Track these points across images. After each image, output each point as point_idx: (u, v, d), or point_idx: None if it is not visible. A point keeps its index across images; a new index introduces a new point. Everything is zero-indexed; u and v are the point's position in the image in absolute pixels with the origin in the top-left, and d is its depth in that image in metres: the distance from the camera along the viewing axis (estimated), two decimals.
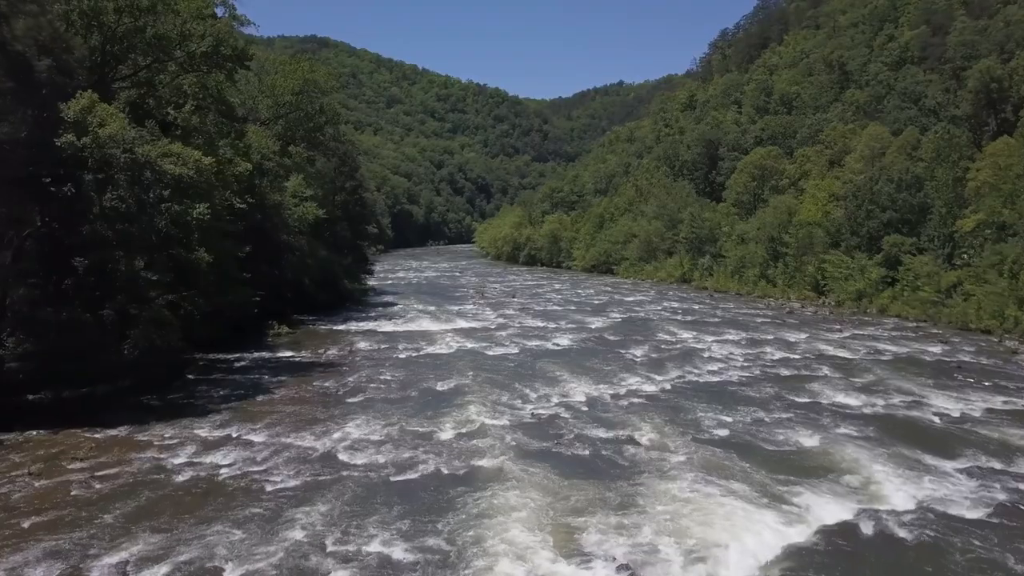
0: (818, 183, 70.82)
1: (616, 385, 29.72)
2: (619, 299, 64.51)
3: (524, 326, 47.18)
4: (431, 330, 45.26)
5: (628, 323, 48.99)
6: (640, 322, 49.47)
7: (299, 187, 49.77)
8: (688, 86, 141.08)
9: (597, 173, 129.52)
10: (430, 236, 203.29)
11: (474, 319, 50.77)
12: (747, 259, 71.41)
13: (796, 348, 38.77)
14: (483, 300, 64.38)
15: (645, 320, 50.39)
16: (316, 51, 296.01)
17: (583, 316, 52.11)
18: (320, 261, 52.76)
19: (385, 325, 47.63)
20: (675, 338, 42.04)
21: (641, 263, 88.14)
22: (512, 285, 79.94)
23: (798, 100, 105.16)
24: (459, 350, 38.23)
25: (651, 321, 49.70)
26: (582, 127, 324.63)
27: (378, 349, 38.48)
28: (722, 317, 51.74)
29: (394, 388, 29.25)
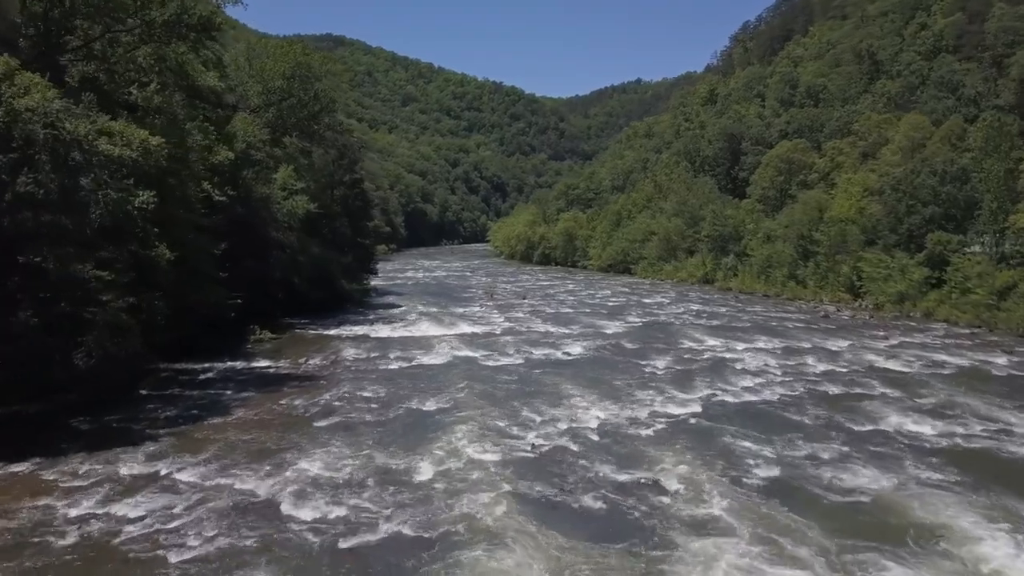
0: (851, 177, 65.55)
1: (635, 406, 24.95)
2: (637, 301, 59.67)
3: (532, 331, 42.50)
4: (430, 336, 40.69)
5: (648, 328, 44.19)
6: (661, 327, 44.66)
7: (289, 179, 45.34)
8: (709, 80, 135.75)
9: (614, 169, 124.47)
10: (444, 235, 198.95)
11: (479, 323, 46.17)
12: (774, 258, 66.32)
13: (840, 359, 33.80)
14: (491, 302, 59.77)
15: (666, 325, 45.54)
16: (332, 49, 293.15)
17: (598, 320, 47.35)
18: (313, 259, 48.34)
19: (381, 329, 43.14)
20: (701, 346, 37.17)
21: (660, 262, 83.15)
22: (524, 286, 75.27)
23: (825, 92, 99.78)
24: (457, 360, 33.61)
25: (673, 326, 44.85)
26: (599, 125, 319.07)
27: (366, 358, 33.95)
28: (751, 321, 46.79)
29: (373, 408, 24.67)
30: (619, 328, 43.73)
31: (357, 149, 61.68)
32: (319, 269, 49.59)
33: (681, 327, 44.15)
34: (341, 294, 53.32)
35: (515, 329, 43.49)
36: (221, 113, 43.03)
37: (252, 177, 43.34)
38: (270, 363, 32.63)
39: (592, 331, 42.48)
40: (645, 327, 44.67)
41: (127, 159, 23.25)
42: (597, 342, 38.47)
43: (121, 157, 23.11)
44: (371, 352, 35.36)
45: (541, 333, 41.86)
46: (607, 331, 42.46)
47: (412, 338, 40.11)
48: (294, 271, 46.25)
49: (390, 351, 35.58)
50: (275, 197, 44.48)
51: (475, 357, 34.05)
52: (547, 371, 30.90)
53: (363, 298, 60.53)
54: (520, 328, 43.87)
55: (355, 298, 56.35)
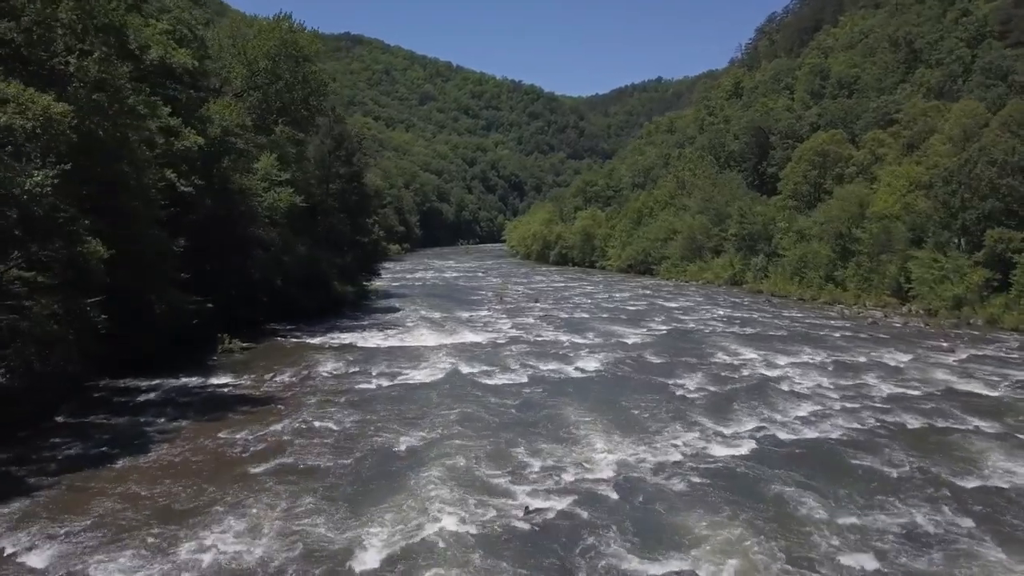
0: (895, 169, 59.53)
1: (663, 445, 19.47)
2: (661, 305, 54.03)
3: (543, 341, 37.07)
4: (425, 346, 35.40)
5: (674, 337, 38.64)
6: (688, 336, 39.08)
7: (271, 169, 40.17)
8: (733, 73, 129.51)
9: (634, 166, 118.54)
10: (460, 235, 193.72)
11: (483, 330, 40.84)
12: (809, 258, 60.41)
13: (905, 377, 28.08)
14: (500, 305, 54.42)
15: (694, 333, 39.95)
16: (350, 48, 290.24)
17: (617, 327, 41.83)
18: (301, 259, 43.23)
19: (372, 337, 37.97)
20: (738, 360, 31.56)
21: (684, 263, 77.32)
22: (537, 287, 69.81)
23: (859, 82, 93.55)
24: (450, 377, 28.26)
25: (702, 335, 39.24)
26: (619, 124, 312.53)
27: (344, 374, 28.70)
28: (789, 329, 41.08)
29: (331, 446, 19.37)
30: (641, 337, 38.20)
31: (356, 139, 56.47)
32: (309, 270, 44.49)
33: (711, 336, 38.55)
34: (336, 297, 48.18)
35: (523, 337, 38.10)
36: (194, 95, 38.04)
37: (230, 167, 38.38)
38: (230, 380, 27.48)
39: (610, 341, 36.97)
40: (670, 336, 39.12)
41: (19, 129, 18.15)
42: (615, 355, 32.94)
43: (11, 127, 18.04)
44: (352, 366, 30.12)
45: (552, 343, 36.43)
46: (627, 341, 36.93)
47: (404, 348, 34.86)
48: (278, 272, 41.18)
49: (375, 365, 30.33)
50: (256, 189, 39.41)
51: (472, 374, 28.67)
52: (555, 393, 25.46)
53: (362, 301, 55.49)
54: (529, 336, 38.48)
55: (352, 301, 51.24)
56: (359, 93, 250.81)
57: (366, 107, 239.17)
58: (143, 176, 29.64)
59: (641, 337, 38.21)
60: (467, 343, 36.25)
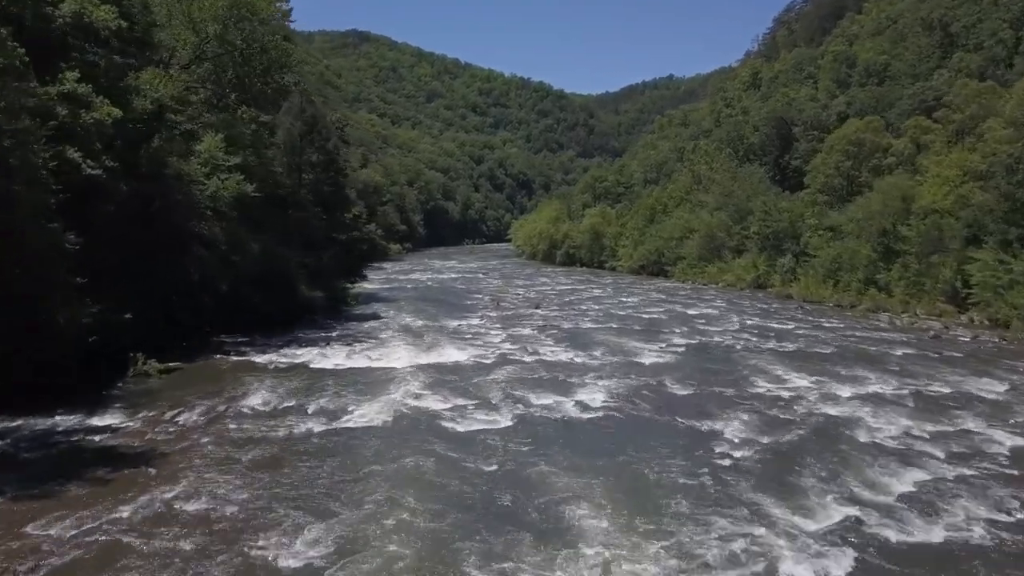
0: (944, 158, 52.00)
1: (703, 545, 12.31)
2: (679, 312, 46.73)
3: (539, 361, 29.88)
4: (393, 368, 28.29)
5: (699, 356, 31.40)
6: (718, 354, 31.82)
7: (216, 150, 33.08)
8: (751, 64, 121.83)
9: (646, 161, 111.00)
10: (466, 234, 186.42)
11: (470, 345, 33.74)
12: (845, 259, 53.05)
13: (1019, 419, 20.79)
14: (497, 312, 47.33)
15: (724, 350, 32.68)
16: (357, 45, 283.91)
17: (629, 342, 34.61)
18: (257, 258, 36.24)
19: (334, 354, 30.96)
20: (787, 391, 24.29)
21: (702, 264, 69.94)
22: (540, 291, 62.61)
23: (891, 69, 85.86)
24: (408, 417, 21.10)
25: (734, 352, 31.97)
26: (630, 122, 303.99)
27: (273, 411, 21.61)
28: (839, 345, 33.73)
29: (180, 553, 12.28)
30: (658, 355, 30.94)
31: (335, 124, 49.34)
32: (267, 271, 37.48)
33: (745, 354, 31.25)
34: (304, 302, 41.14)
35: (515, 356, 30.93)
36: (118, 60, 31.12)
37: (163, 147, 31.49)
38: (116, 420, 20.43)
39: (621, 361, 29.74)
40: (696, 353, 31.87)
41: None
42: (628, 382, 25.70)
43: None
44: (290, 397, 23.06)
45: (549, 364, 29.24)
46: (642, 361, 29.68)
47: (367, 371, 27.80)
48: (226, 273, 34.22)
49: (318, 396, 23.25)
50: (196, 175, 32.42)
51: (439, 413, 21.51)
52: (545, 448, 18.25)
53: (342, 306, 48.55)
54: (522, 354, 31.31)
55: (327, 307, 44.20)
56: (365, 90, 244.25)
57: (372, 104, 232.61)
58: (28, 153, 22.90)
59: (659, 355, 30.94)
60: (446, 364, 29.14)
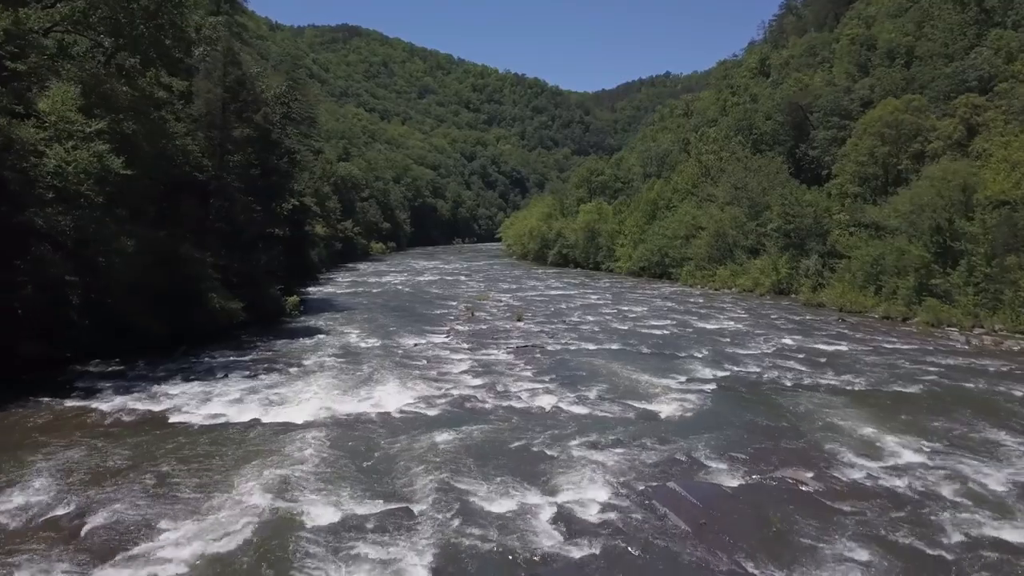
0: (1012, 139, 42.77)
1: None
2: (694, 326, 37.34)
3: (504, 414, 20.41)
4: (286, 425, 18.87)
5: (738, 401, 21.99)
6: (763, 396, 22.41)
7: (67, 109, 23.53)
8: (758, 50, 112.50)
9: (646, 154, 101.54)
10: (457, 233, 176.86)
11: (418, 378, 24.36)
12: (889, 261, 43.75)
13: None
14: (469, 325, 37.95)
15: (770, 389, 23.26)
16: (347, 40, 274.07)
17: (636, 374, 25.22)
18: (140, 261, 26.71)
19: (219, 397, 21.62)
20: (896, 475, 14.85)
21: (712, 265, 60.60)
22: (527, 297, 53.18)
23: (918, 48, 76.70)
24: (245, 555, 11.75)
25: (784, 392, 22.57)
26: (626, 119, 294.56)
27: (30, 521, 12.24)
28: (921, 380, 24.32)
29: None
30: (681, 402, 21.46)
31: (255, 81, 39.59)
32: (157, 277, 28.03)
33: (803, 398, 21.84)
34: (215, 317, 31.60)
35: (474, 402, 21.51)
36: None
37: None
38: None
39: (626, 413, 20.29)
40: (732, 397, 22.45)
41: None
42: (640, 459, 16.19)
43: None
44: (76, 493, 13.66)
45: (521, 419, 19.78)
46: (658, 412, 20.24)
47: (244, 431, 18.37)
48: (77, 282, 24.69)
49: (126, 492, 13.84)
50: (33, 141, 22.85)
51: (304, 548, 12.09)
52: None
53: (281, 317, 39.23)
54: (486, 398, 21.89)
55: (252, 320, 34.69)
56: (354, 84, 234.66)
57: (360, 98, 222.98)
58: None
59: (680, 401, 21.49)
60: (368, 417, 19.72)
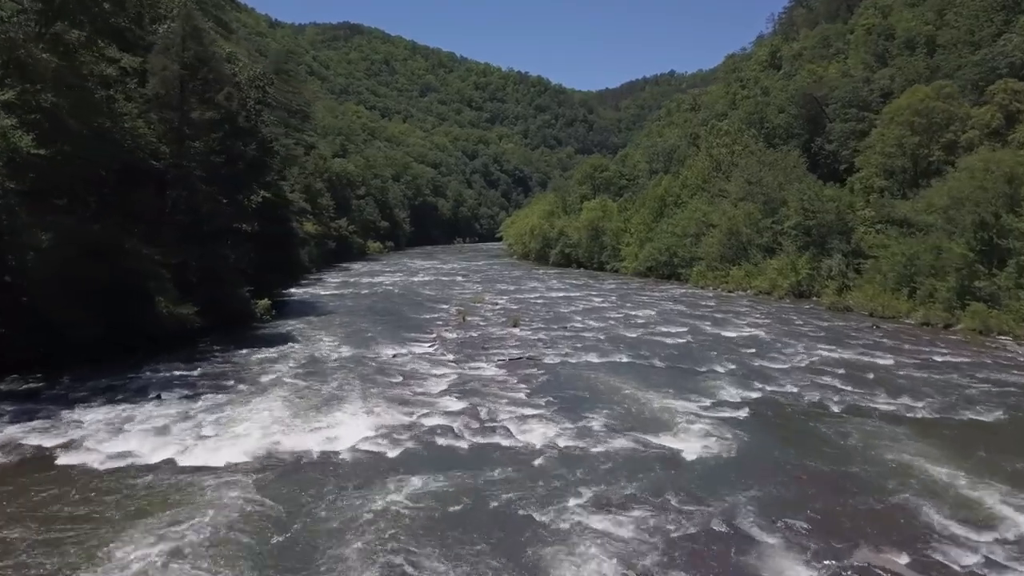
0: None
1: None
2: (712, 334, 33.02)
3: (488, 451, 16.20)
4: (208, 467, 14.69)
5: (775, 432, 17.70)
6: (806, 426, 18.10)
7: None
8: (768, 43, 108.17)
9: (652, 150, 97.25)
10: (458, 232, 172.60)
11: (391, 400, 20.16)
12: (924, 261, 39.42)
13: None
14: (458, 333, 33.70)
15: (812, 415, 18.94)
16: (348, 38, 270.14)
17: (649, 395, 20.95)
18: (58, 257, 22.54)
19: (138, 425, 17.54)
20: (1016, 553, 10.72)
21: (724, 265, 56.25)
22: (526, 299, 48.91)
23: (940, 36, 72.33)
24: None
25: (829, 420, 18.23)
26: (630, 118, 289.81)
27: None
28: (990, 401, 20.01)
29: None
30: (706, 436, 17.07)
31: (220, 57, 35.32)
32: (87, 276, 23.86)
33: (858, 429, 17.52)
34: (163, 323, 27.38)
35: (455, 434, 17.25)
36: None
37: None
38: None
39: (641, 448, 15.97)
40: (767, 426, 18.13)
41: None
42: (665, 525, 11.92)
43: None
44: None
45: (510, 459, 15.49)
46: (680, 449, 15.89)
47: (131, 490, 14.18)
48: None
49: None
50: None
51: None
52: None
53: (250, 321, 35.09)
54: (469, 427, 17.63)
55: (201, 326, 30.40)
56: (354, 82, 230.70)
57: (361, 96, 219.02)
58: None
59: (706, 434, 17.12)
60: (316, 457, 15.49)
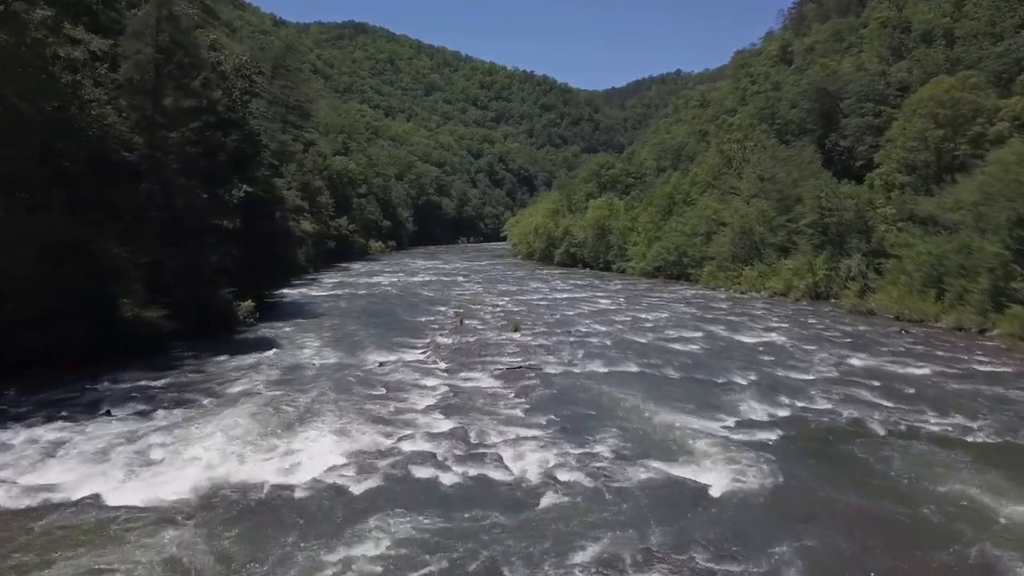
0: None
1: None
2: (728, 340, 30.35)
3: (475, 481, 13.63)
4: (139, 507, 12.18)
5: (811, 458, 15.07)
6: (845, 450, 15.49)
7: None
8: (779, 38, 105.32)
9: (660, 147, 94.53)
10: (462, 232, 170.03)
11: (368, 420, 17.65)
12: (953, 261, 36.71)
13: None
14: (454, 338, 31.17)
15: (855, 443, 16.28)
16: (353, 37, 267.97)
17: (662, 414, 18.35)
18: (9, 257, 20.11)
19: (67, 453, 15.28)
20: None
21: (736, 265, 53.56)
22: (528, 301, 46.33)
23: (958, 29, 69.54)
24: None
25: (874, 446, 15.61)
26: (636, 117, 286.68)
27: None
28: None
29: None
30: (736, 463, 14.48)
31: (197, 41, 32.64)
32: (40, 277, 21.40)
33: (903, 450, 14.94)
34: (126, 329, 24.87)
35: (434, 468, 14.68)
36: None
37: None
38: None
39: (659, 481, 13.39)
40: (804, 451, 15.50)
41: None
42: None
43: None
44: None
45: (500, 498, 12.91)
46: (707, 484, 13.22)
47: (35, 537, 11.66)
48: None
49: None
50: None
51: None
52: None
53: (233, 325, 32.60)
54: (452, 459, 15.06)
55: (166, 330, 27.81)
56: (359, 81, 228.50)
57: (365, 94, 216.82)
58: None
59: (736, 465, 14.45)
60: (267, 494, 12.94)
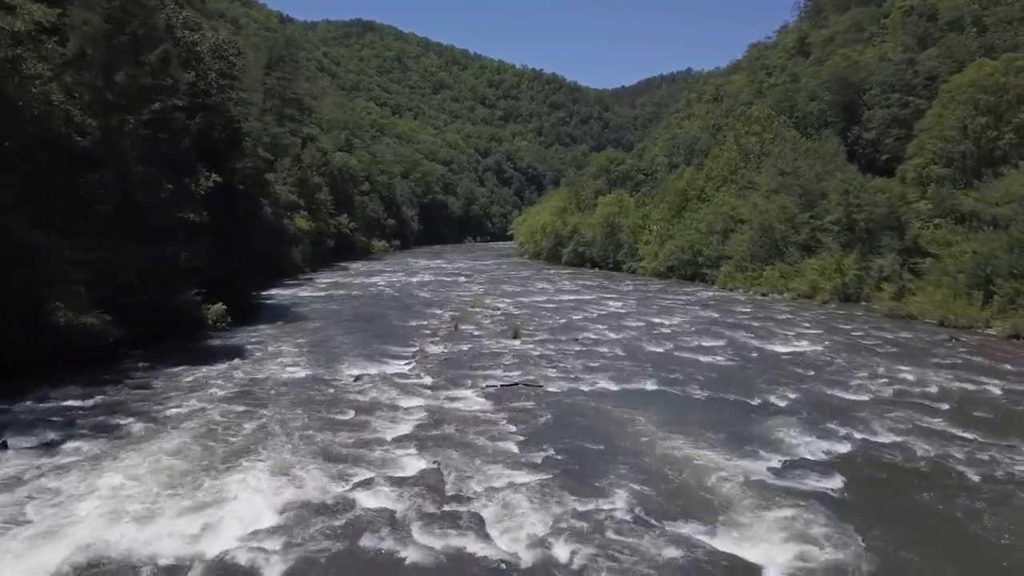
0: None
1: None
2: (756, 348, 26.65)
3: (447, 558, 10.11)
4: None
5: (889, 517, 11.38)
6: (928, 503, 11.84)
7: None
8: (796, 30, 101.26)
9: (672, 142, 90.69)
10: (469, 231, 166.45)
11: (322, 457, 14.12)
12: (1002, 261, 32.93)
13: None
14: (446, 345, 27.60)
15: (932, 484, 12.64)
16: (361, 35, 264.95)
17: (686, 446, 14.73)
18: None
19: None
20: None
21: (756, 265, 49.76)
22: (532, 303, 42.70)
23: (988, 16, 65.58)
24: None
25: (974, 497, 11.95)
26: (647, 116, 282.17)
27: None
28: None
29: None
30: (794, 526, 10.80)
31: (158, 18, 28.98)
32: None
33: (1006, 504, 11.33)
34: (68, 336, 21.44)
35: (393, 535, 11.08)
36: None
37: None
38: None
39: (693, 558, 9.88)
40: (878, 506, 11.75)
41: None
42: None
43: None
44: None
45: None
46: (763, 569, 9.73)
47: None
48: None
49: None
50: None
51: None
52: None
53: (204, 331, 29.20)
54: (419, 519, 11.49)
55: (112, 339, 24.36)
56: (366, 79, 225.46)
57: (372, 92, 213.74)
58: None
59: (792, 529, 10.73)
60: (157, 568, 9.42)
